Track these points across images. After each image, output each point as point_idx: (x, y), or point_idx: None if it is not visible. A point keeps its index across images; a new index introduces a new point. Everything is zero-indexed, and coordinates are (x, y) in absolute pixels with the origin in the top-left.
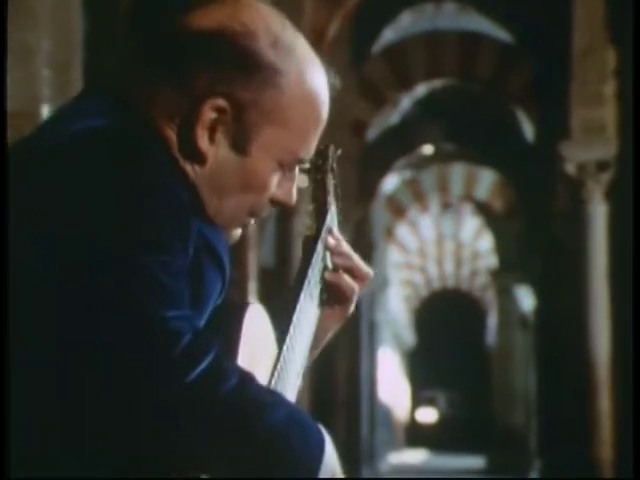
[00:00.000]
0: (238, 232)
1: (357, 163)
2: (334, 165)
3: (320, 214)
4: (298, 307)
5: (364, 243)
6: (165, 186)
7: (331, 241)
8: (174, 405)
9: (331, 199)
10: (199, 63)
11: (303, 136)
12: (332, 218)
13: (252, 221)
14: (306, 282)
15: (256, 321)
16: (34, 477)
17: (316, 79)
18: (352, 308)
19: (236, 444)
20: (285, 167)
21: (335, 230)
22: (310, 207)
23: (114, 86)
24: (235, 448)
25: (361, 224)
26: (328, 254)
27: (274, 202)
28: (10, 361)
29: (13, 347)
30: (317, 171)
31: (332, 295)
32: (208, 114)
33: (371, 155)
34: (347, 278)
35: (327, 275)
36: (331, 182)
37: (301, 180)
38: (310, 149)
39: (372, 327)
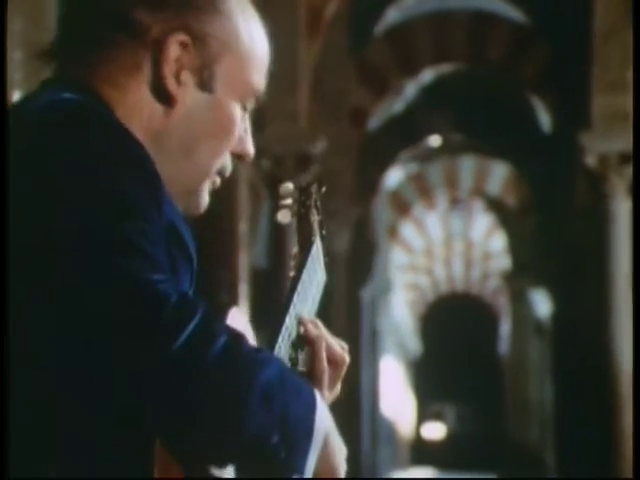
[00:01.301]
0: (205, 200)
1: (356, 156)
2: (318, 203)
3: (304, 250)
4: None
5: (364, 244)
6: (134, 152)
7: (309, 330)
8: (168, 368)
9: (316, 234)
10: (148, 7)
11: (254, 64)
12: (317, 255)
13: (219, 181)
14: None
15: (237, 324)
16: (34, 476)
17: (250, 10)
18: (328, 395)
19: (234, 402)
20: (244, 102)
21: (309, 315)
22: (295, 248)
23: (74, 61)
24: (233, 406)
25: (361, 223)
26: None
27: (235, 155)
28: (8, 344)
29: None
30: (300, 207)
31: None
32: (173, 50)
33: (372, 147)
34: (320, 360)
35: (307, 331)
36: (316, 219)
37: (283, 215)
38: (262, 80)
39: (374, 335)
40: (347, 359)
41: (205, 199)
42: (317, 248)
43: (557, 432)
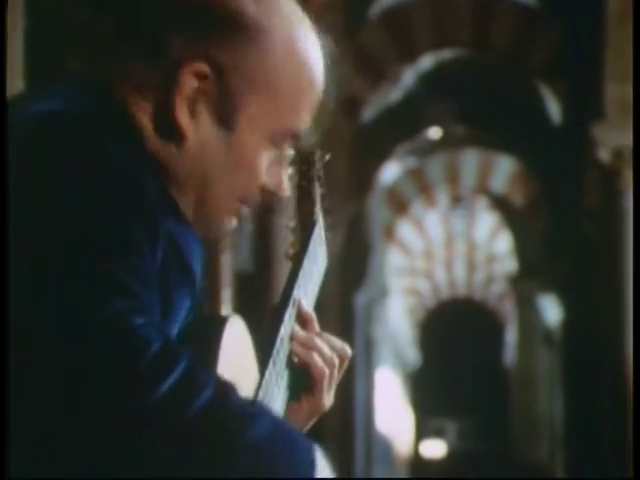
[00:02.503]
0: (233, 223)
1: (350, 149)
2: (321, 173)
3: (305, 228)
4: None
5: (358, 245)
6: (132, 178)
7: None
8: (144, 422)
9: (318, 211)
10: (172, 25)
11: (293, 104)
12: (319, 235)
13: (244, 209)
14: (274, 350)
15: (236, 336)
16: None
17: (305, 37)
18: (327, 401)
19: (216, 463)
20: (275, 144)
21: (307, 304)
22: (292, 223)
23: (86, 70)
24: (215, 468)
25: (355, 222)
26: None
27: (264, 190)
28: (9, 361)
29: None
30: (301, 178)
31: (298, 380)
32: (188, 81)
33: (367, 139)
34: (317, 358)
35: (294, 349)
36: (318, 191)
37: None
38: (303, 121)
39: (369, 344)
40: (349, 352)
41: (226, 228)
42: (319, 228)
43: (568, 451)
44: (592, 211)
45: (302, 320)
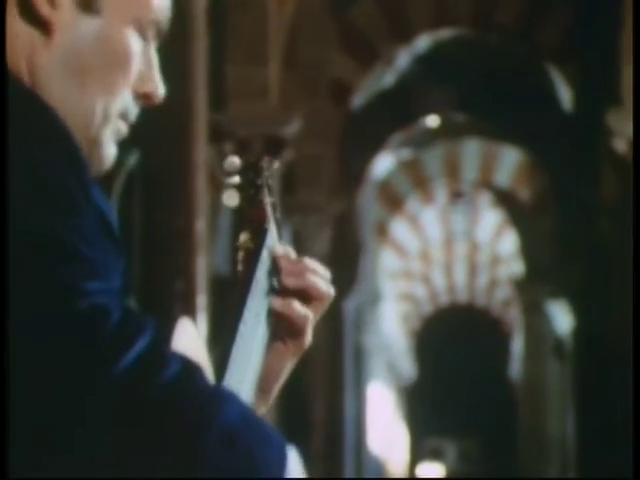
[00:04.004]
0: (110, 152)
1: (339, 139)
2: (270, 181)
3: (255, 241)
4: (235, 344)
5: (348, 245)
6: (51, 123)
7: (279, 259)
8: (106, 398)
9: (269, 221)
10: None
11: None
12: (272, 244)
13: (125, 128)
14: (245, 313)
15: (186, 337)
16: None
17: None
18: (308, 339)
19: (188, 441)
20: (144, 32)
21: (280, 247)
22: (243, 236)
23: None
24: (187, 446)
25: (345, 219)
26: (274, 277)
27: (141, 96)
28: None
29: None
30: (249, 186)
31: (281, 326)
32: None
33: (358, 128)
34: (297, 305)
35: (273, 303)
36: (268, 201)
37: (229, 197)
38: (163, 9)
39: (359, 355)
40: (331, 292)
41: (110, 151)
42: (272, 238)
43: (580, 473)
44: (607, 208)
45: (280, 266)
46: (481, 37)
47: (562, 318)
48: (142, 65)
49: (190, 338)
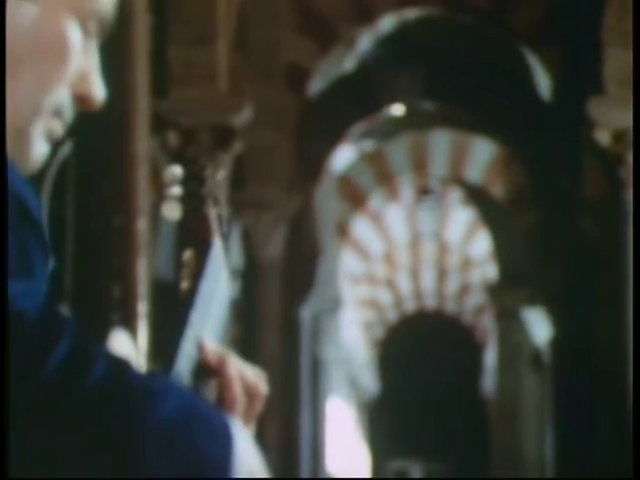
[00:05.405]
0: (39, 150)
1: (294, 129)
2: (215, 191)
3: (199, 255)
4: None
5: (305, 245)
6: None
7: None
8: (32, 406)
9: (215, 235)
10: None
11: None
12: (218, 257)
13: (59, 129)
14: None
15: (119, 348)
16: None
17: None
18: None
19: (122, 443)
20: (85, 24)
21: (211, 337)
22: (187, 252)
23: None
24: (122, 449)
25: (301, 218)
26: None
27: (77, 97)
28: None
29: None
30: (191, 198)
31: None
32: None
33: (315, 117)
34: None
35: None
36: (213, 213)
37: (170, 210)
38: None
39: (317, 368)
40: (264, 390)
41: (39, 150)
42: (217, 251)
43: None
44: (590, 205)
45: (211, 367)
46: (451, 17)
47: (540, 327)
48: (82, 62)
49: (124, 351)
